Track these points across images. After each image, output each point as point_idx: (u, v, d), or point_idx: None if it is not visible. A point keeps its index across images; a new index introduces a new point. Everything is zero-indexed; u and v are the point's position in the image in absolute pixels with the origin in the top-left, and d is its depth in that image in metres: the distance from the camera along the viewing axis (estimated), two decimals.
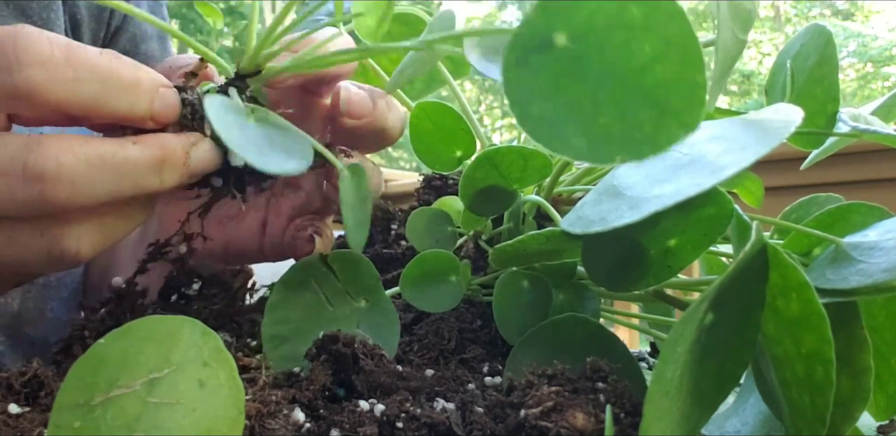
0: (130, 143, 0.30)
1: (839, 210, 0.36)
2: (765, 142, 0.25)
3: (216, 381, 0.23)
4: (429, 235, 0.42)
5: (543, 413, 0.25)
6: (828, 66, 0.39)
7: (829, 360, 0.25)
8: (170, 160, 0.31)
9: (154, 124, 0.31)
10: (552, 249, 0.34)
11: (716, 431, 0.32)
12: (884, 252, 0.30)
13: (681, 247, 0.30)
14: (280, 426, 0.25)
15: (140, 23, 0.70)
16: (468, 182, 0.38)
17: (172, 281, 0.37)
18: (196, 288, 0.38)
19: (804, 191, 0.42)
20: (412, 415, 0.27)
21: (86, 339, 0.34)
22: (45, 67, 0.28)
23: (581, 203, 0.31)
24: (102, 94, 0.29)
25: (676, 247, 0.30)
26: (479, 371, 0.36)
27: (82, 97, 0.29)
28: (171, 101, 0.31)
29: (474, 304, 0.42)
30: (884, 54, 9.29)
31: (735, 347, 0.26)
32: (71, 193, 0.28)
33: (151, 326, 0.24)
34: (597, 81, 0.22)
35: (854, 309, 0.30)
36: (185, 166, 0.31)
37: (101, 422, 0.22)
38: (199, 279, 0.38)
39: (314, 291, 0.35)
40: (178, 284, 0.38)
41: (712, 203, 0.29)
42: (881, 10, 10.06)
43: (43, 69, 0.28)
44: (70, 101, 0.28)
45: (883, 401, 0.34)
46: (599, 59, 0.21)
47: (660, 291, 0.38)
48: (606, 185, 0.30)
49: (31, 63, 0.28)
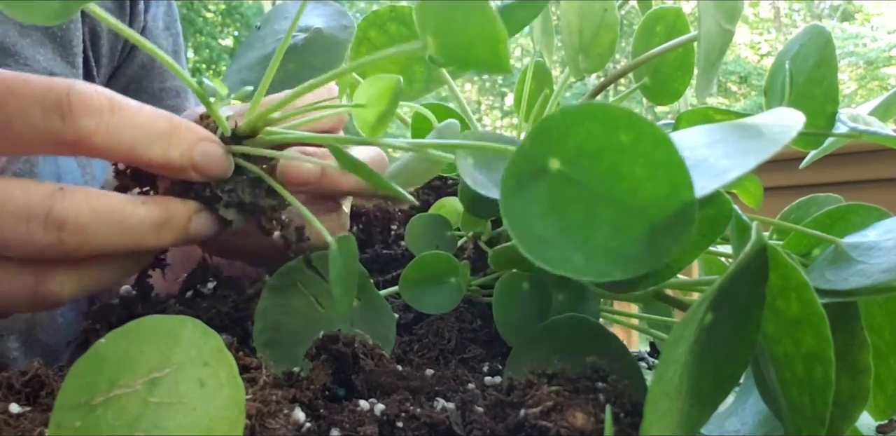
0: (140, 202, 0.32)
1: (838, 211, 0.36)
2: (766, 147, 0.25)
3: (217, 380, 0.23)
4: (428, 242, 0.42)
5: (543, 413, 0.25)
6: (827, 67, 0.39)
7: (829, 360, 0.25)
8: (171, 223, 0.33)
9: (199, 176, 0.33)
10: None
11: (715, 430, 0.32)
12: (883, 253, 0.30)
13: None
14: (280, 426, 0.25)
15: (156, 37, 0.71)
16: (467, 185, 0.38)
17: (193, 277, 0.40)
18: (211, 287, 0.39)
19: (803, 191, 0.42)
20: (412, 415, 0.27)
21: (99, 332, 0.35)
22: (93, 118, 0.30)
23: None
24: (139, 143, 0.31)
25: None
26: (479, 371, 0.36)
27: (121, 145, 0.31)
28: (213, 153, 0.33)
29: (474, 304, 0.42)
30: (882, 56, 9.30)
31: (735, 347, 0.26)
32: (83, 241, 0.31)
33: (152, 326, 0.24)
34: (591, 202, 0.23)
35: (854, 309, 0.30)
36: (184, 230, 0.34)
37: (101, 422, 0.22)
38: (215, 279, 0.39)
39: (302, 295, 0.35)
40: (196, 280, 0.40)
41: (712, 204, 0.29)
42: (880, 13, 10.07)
43: (92, 119, 0.30)
44: (111, 149, 0.31)
45: (882, 401, 0.34)
46: (592, 182, 0.23)
47: (659, 291, 0.38)
48: None
49: (83, 113, 0.30)
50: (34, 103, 0.29)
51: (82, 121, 0.30)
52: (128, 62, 0.70)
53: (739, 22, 0.37)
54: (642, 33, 0.46)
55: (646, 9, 0.46)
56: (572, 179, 0.23)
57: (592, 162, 0.23)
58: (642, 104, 6.47)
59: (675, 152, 0.22)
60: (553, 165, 0.23)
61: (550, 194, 0.23)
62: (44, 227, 0.30)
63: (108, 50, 0.67)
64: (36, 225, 0.30)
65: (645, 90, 0.48)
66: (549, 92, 0.48)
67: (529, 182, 0.23)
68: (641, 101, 7.60)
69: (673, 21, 0.45)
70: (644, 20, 0.46)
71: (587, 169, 0.23)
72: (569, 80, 0.44)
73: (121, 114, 0.31)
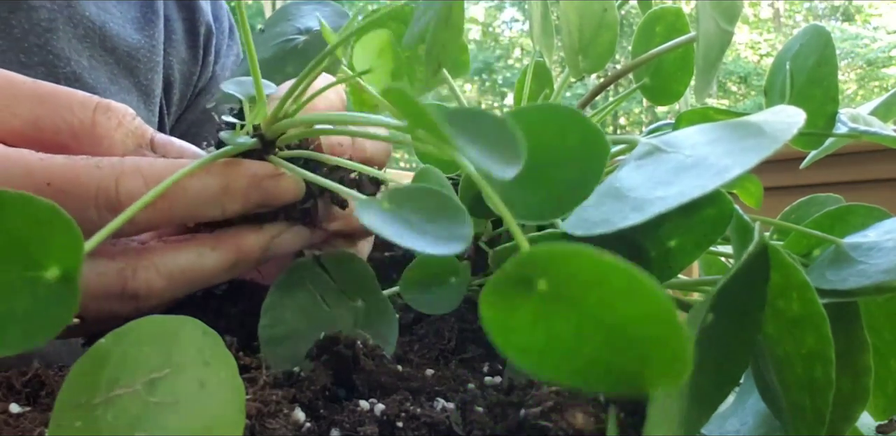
0: (209, 249, 0.33)
1: (839, 211, 0.36)
2: (767, 144, 0.25)
3: (217, 381, 0.23)
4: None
5: (543, 413, 0.25)
6: (827, 67, 0.39)
7: (829, 360, 0.25)
8: (243, 261, 0.34)
9: (273, 205, 0.34)
10: None
11: (715, 431, 0.32)
12: (883, 253, 0.30)
13: (681, 248, 0.30)
14: (280, 426, 0.25)
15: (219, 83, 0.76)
16: (468, 184, 0.38)
17: None
18: (223, 289, 0.39)
19: (804, 191, 0.42)
20: (412, 414, 0.27)
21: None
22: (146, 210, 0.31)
23: (583, 205, 0.31)
24: (196, 211, 0.33)
25: (677, 248, 0.31)
26: (479, 371, 0.36)
27: (180, 218, 0.33)
28: (287, 186, 0.34)
29: (475, 304, 0.42)
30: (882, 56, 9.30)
31: (735, 347, 0.26)
32: (157, 303, 0.33)
33: (152, 326, 0.24)
34: (578, 324, 0.21)
35: (854, 309, 0.30)
36: (256, 262, 0.35)
37: (102, 422, 0.21)
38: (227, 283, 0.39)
39: (309, 292, 0.35)
40: None
41: (713, 204, 0.29)
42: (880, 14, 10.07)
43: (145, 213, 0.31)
44: (172, 223, 0.34)
45: (882, 401, 0.34)
46: (580, 309, 0.21)
47: None
48: (608, 187, 0.30)
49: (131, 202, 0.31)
50: (89, 203, 0.31)
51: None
52: (192, 108, 0.76)
53: (739, 22, 0.37)
54: (642, 33, 0.46)
55: (646, 9, 0.46)
56: (559, 298, 0.21)
57: (581, 293, 0.21)
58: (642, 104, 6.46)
59: (668, 300, 0.20)
60: (540, 285, 0.21)
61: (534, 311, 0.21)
62: (120, 301, 0.32)
63: (178, 98, 0.73)
64: (114, 300, 0.32)
65: (645, 90, 0.48)
66: (549, 92, 0.48)
67: (514, 297, 0.21)
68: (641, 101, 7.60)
69: (673, 21, 0.45)
70: (644, 20, 0.46)
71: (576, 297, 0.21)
72: (569, 80, 0.44)
73: (172, 197, 0.31)
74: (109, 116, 0.34)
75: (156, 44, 0.68)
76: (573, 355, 0.21)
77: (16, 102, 0.33)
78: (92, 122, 0.33)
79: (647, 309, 0.20)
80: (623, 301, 0.20)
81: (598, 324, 0.21)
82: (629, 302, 0.20)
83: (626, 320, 0.21)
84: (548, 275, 0.21)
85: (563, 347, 0.21)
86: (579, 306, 0.21)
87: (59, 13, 0.61)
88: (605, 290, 0.21)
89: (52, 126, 0.33)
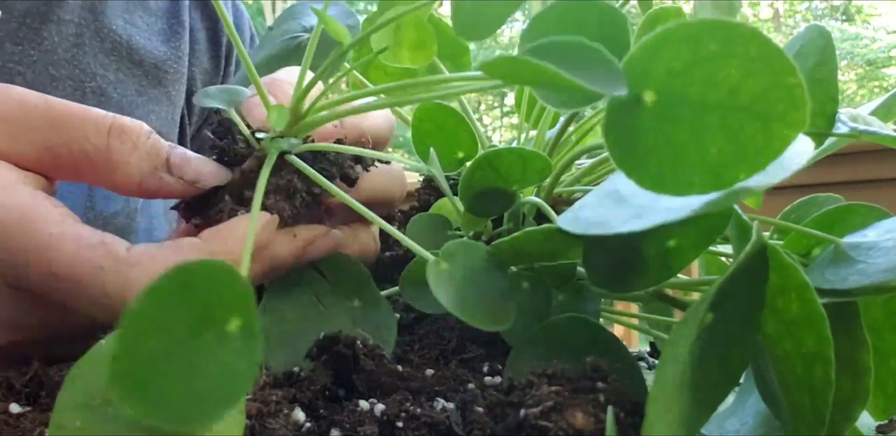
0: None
1: (838, 211, 0.36)
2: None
3: None
4: (429, 242, 0.42)
5: (543, 413, 0.25)
6: (827, 67, 0.39)
7: (829, 360, 0.25)
8: (276, 269, 0.35)
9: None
10: (551, 248, 0.34)
11: (715, 430, 0.32)
12: (883, 252, 0.30)
13: (680, 247, 0.30)
14: (280, 426, 0.25)
15: None
16: (467, 184, 0.38)
17: None
18: None
19: (804, 191, 0.42)
20: (412, 415, 0.27)
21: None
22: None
23: (580, 204, 0.31)
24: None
25: (676, 247, 0.30)
26: (479, 371, 0.36)
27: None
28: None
29: None
30: (882, 56, 9.31)
31: (734, 347, 0.26)
32: None
33: None
34: (695, 120, 0.23)
35: (854, 309, 0.30)
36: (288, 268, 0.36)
37: (102, 422, 0.22)
38: None
39: (306, 293, 0.35)
40: None
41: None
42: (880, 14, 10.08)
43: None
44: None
45: (882, 401, 0.34)
46: (691, 99, 0.23)
47: (660, 291, 0.38)
48: (609, 189, 0.30)
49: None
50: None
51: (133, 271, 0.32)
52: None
53: None
54: (642, 33, 0.46)
55: (646, 9, 0.46)
56: (670, 103, 0.23)
57: (684, 80, 0.23)
58: None
59: (769, 42, 0.22)
60: (647, 97, 0.23)
61: (653, 127, 0.23)
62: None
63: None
64: None
65: None
66: None
67: (629, 121, 0.23)
68: None
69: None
70: (644, 20, 0.46)
71: (681, 90, 0.23)
72: None
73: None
74: (123, 140, 0.33)
75: (181, 55, 0.70)
76: (702, 160, 0.23)
77: (29, 128, 0.33)
78: (107, 147, 0.33)
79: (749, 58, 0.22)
80: (724, 65, 0.22)
81: (714, 111, 0.22)
82: (730, 62, 0.22)
83: (735, 86, 0.22)
84: (650, 82, 0.23)
85: (690, 155, 0.23)
86: (689, 99, 0.22)
87: (86, 28, 0.62)
88: (705, 63, 0.22)
89: (68, 153, 0.33)
